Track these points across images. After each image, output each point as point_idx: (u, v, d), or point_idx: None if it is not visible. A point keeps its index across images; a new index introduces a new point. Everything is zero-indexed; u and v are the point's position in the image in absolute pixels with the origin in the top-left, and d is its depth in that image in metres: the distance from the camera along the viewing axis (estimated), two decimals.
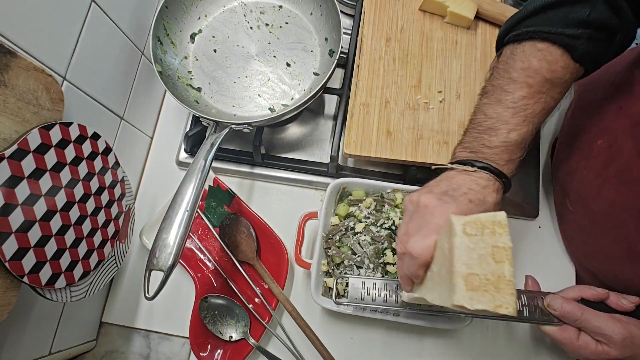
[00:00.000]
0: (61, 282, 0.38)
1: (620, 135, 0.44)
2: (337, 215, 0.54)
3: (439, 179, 0.40)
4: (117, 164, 0.46)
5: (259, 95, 0.58)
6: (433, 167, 0.44)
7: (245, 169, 0.60)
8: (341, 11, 0.55)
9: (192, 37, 0.61)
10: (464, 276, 0.29)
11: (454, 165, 0.40)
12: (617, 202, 0.44)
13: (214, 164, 0.60)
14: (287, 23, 0.61)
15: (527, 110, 0.39)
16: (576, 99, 0.59)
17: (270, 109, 0.57)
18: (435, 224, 0.35)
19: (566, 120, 0.60)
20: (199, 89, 0.58)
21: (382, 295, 0.46)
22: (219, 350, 0.52)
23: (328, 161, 0.58)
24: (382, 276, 0.51)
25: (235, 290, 0.54)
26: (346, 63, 0.61)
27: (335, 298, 0.48)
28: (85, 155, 0.41)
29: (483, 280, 0.29)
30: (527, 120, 0.39)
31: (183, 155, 0.61)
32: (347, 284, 0.52)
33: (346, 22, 0.65)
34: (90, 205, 0.42)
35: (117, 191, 0.46)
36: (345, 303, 0.46)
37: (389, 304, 0.45)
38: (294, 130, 0.63)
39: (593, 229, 0.49)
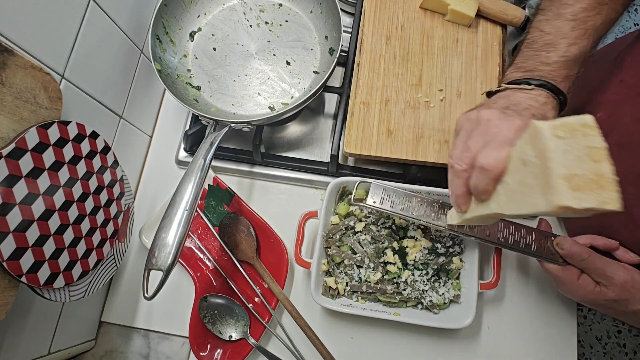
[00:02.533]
0: (60, 281, 0.38)
1: (621, 105, 0.45)
2: (337, 214, 0.54)
3: (494, 98, 0.39)
4: (116, 162, 0.46)
5: (258, 93, 0.58)
6: (482, 92, 0.43)
7: (245, 167, 0.60)
8: (341, 9, 0.55)
9: (192, 35, 0.60)
10: (565, 177, 0.29)
11: (508, 86, 0.39)
12: (617, 170, 0.45)
13: (214, 163, 0.60)
14: (287, 21, 0.61)
15: (588, 22, 0.38)
16: (579, 77, 0.60)
17: (270, 107, 0.57)
18: (504, 136, 0.34)
19: (570, 98, 0.61)
20: (198, 88, 0.58)
21: (404, 205, 0.46)
22: (218, 350, 0.52)
23: (328, 160, 0.58)
24: (381, 277, 0.51)
25: (235, 289, 0.54)
26: (346, 61, 0.60)
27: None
28: (84, 154, 0.41)
29: (585, 180, 0.29)
30: (587, 34, 0.38)
31: (182, 154, 0.61)
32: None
33: (346, 20, 0.65)
34: (89, 204, 0.41)
35: (116, 190, 0.46)
36: (364, 205, 0.45)
37: (406, 212, 0.45)
38: (294, 129, 0.63)
39: None
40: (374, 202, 0.46)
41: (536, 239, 0.45)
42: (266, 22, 0.61)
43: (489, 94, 0.41)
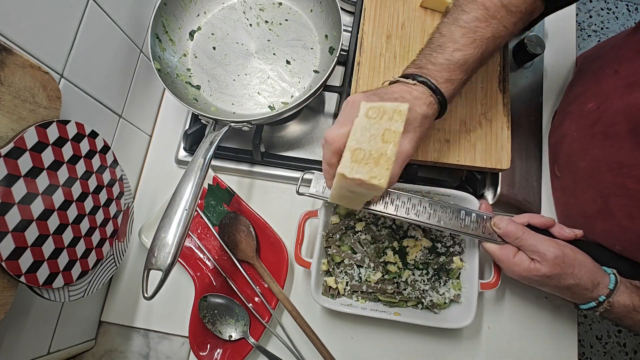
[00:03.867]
0: (59, 281, 0.37)
1: (610, 95, 0.47)
2: (337, 214, 0.54)
3: (379, 87, 0.42)
4: (115, 162, 0.46)
5: (258, 93, 0.58)
6: (383, 82, 0.46)
7: (244, 167, 0.60)
8: (341, 8, 0.54)
9: (191, 34, 0.60)
10: (352, 150, 0.33)
11: (399, 78, 0.42)
12: (600, 158, 0.47)
13: (214, 163, 0.60)
14: (286, 20, 0.61)
15: (477, 32, 0.40)
16: (577, 71, 0.60)
17: (269, 106, 0.57)
18: (353, 114, 0.37)
19: (566, 91, 0.63)
20: (198, 87, 0.58)
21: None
22: (218, 350, 0.52)
23: None
24: (382, 277, 0.51)
25: (235, 289, 0.54)
26: (346, 60, 0.60)
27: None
28: (83, 153, 0.41)
29: (367, 155, 0.33)
30: (475, 44, 0.40)
31: (182, 154, 0.61)
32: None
33: (346, 19, 0.65)
34: (89, 204, 0.41)
35: (116, 190, 0.46)
36: (307, 193, 0.47)
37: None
38: (294, 129, 0.62)
39: (575, 189, 0.52)
40: (316, 190, 0.48)
41: (475, 220, 0.46)
42: (266, 21, 0.61)
43: (390, 83, 0.44)
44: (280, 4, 0.62)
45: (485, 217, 0.47)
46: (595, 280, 0.42)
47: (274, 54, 0.59)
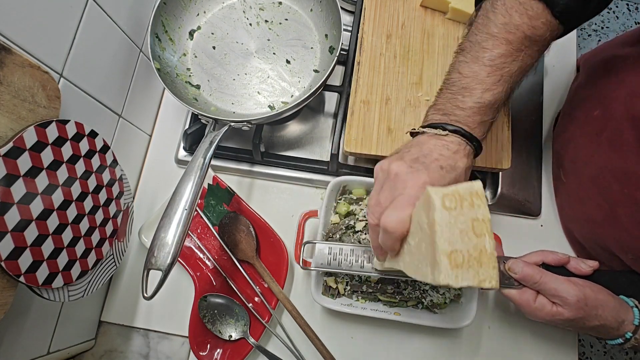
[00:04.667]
0: (58, 281, 0.37)
1: (615, 103, 0.45)
2: (337, 213, 0.54)
3: (410, 144, 0.40)
4: (115, 162, 0.46)
5: (258, 92, 0.58)
6: (406, 131, 0.43)
7: (244, 167, 0.60)
8: (341, 7, 0.54)
9: (191, 33, 0.60)
10: (447, 253, 0.29)
11: (425, 130, 0.39)
12: (605, 167, 0.45)
13: (214, 162, 0.60)
14: (286, 19, 0.61)
15: (504, 69, 0.38)
16: (581, 75, 0.60)
17: (269, 106, 0.57)
18: (408, 194, 0.34)
19: (569, 95, 0.62)
20: (197, 87, 0.58)
21: (349, 260, 0.46)
22: (218, 350, 0.52)
23: (328, 159, 0.58)
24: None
25: (235, 289, 0.54)
26: (346, 60, 0.60)
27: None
28: (83, 153, 0.41)
29: (466, 256, 0.29)
30: (502, 80, 0.38)
31: (182, 153, 0.61)
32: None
33: (346, 19, 0.65)
34: (88, 203, 0.41)
35: (115, 189, 0.46)
36: (312, 268, 0.46)
37: (355, 268, 0.46)
38: (293, 128, 0.62)
39: (581, 195, 0.51)
40: (321, 263, 0.46)
41: None
42: (266, 21, 0.61)
43: (413, 134, 0.41)
44: (280, 3, 0.61)
45: (498, 261, 0.44)
46: (620, 318, 0.41)
47: (274, 53, 0.59)
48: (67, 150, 0.38)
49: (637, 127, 0.41)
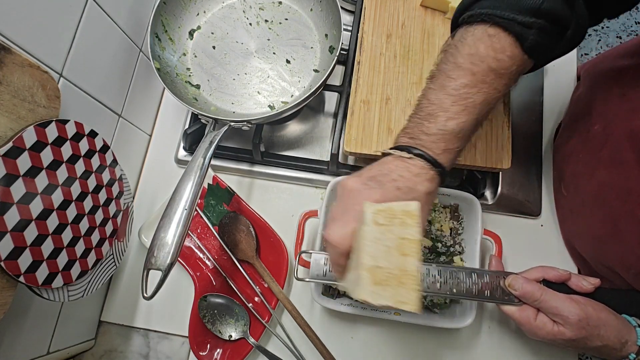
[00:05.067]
0: (58, 281, 0.37)
1: (615, 119, 0.45)
2: None
3: (374, 163, 0.39)
4: (115, 161, 0.46)
5: (258, 92, 0.58)
6: (378, 152, 0.43)
7: (244, 167, 0.60)
8: (341, 7, 0.54)
9: (191, 33, 0.60)
10: (369, 269, 0.28)
11: (392, 151, 0.39)
12: (607, 183, 0.45)
13: (213, 162, 0.60)
14: (286, 19, 0.61)
15: (468, 99, 0.37)
16: (582, 86, 0.59)
17: (269, 106, 0.57)
18: (355, 210, 0.34)
19: (570, 106, 0.61)
20: (197, 86, 0.58)
21: None
22: (218, 350, 0.52)
23: (328, 159, 0.58)
24: None
25: (235, 289, 0.54)
26: (346, 60, 0.60)
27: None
28: (82, 153, 0.41)
29: (387, 274, 0.28)
30: (467, 110, 0.37)
31: (182, 153, 0.61)
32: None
33: (346, 19, 0.65)
34: (88, 203, 0.41)
35: (115, 189, 0.46)
36: (307, 279, 0.45)
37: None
38: (293, 128, 0.62)
39: (583, 210, 0.50)
40: (317, 274, 0.45)
41: (489, 282, 0.43)
42: (266, 20, 0.61)
43: (383, 154, 0.41)
44: (280, 3, 0.61)
45: (498, 276, 0.44)
46: (623, 338, 0.40)
47: (274, 53, 0.59)
48: (66, 150, 0.38)
49: (636, 144, 0.41)
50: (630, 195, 0.42)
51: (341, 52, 0.56)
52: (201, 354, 0.51)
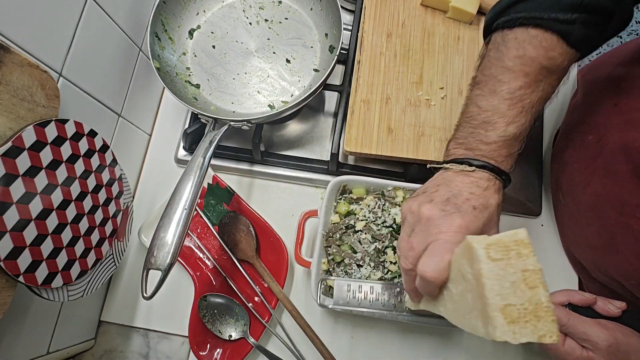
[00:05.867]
0: (58, 281, 0.37)
1: (609, 130, 0.44)
2: (337, 213, 0.54)
3: (436, 182, 0.38)
4: (114, 161, 0.46)
5: (258, 92, 0.58)
6: (428, 166, 0.42)
7: (244, 166, 0.60)
8: (341, 6, 0.54)
9: (191, 33, 0.60)
10: (500, 308, 0.28)
11: (449, 166, 0.38)
12: (601, 195, 0.44)
13: (213, 162, 0.59)
14: (286, 19, 0.61)
15: (525, 100, 0.37)
16: (579, 94, 0.59)
17: (269, 105, 0.57)
18: (444, 240, 0.33)
19: (567, 114, 0.61)
20: (197, 86, 0.58)
21: (368, 298, 0.45)
22: (218, 350, 0.52)
23: (328, 159, 0.58)
24: (381, 277, 0.51)
25: (235, 289, 0.54)
26: (347, 59, 0.60)
27: (320, 300, 0.47)
28: (82, 152, 0.41)
29: (521, 310, 0.28)
30: (525, 111, 0.37)
31: (182, 153, 0.61)
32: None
33: (346, 18, 0.64)
34: (87, 203, 0.41)
35: (115, 189, 0.46)
36: (330, 306, 0.45)
37: (376, 307, 0.44)
38: (293, 128, 0.62)
39: (580, 220, 0.50)
40: (342, 302, 0.44)
41: None
42: (266, 20, 0.61)
43: (434, 169, 0.40)
44: (280, 2, 0.61)
45: None
46: None
47: (274, 52, 0.59)
48: (66, 150, 0.38)
49: (630, 156, 0.40)
50: (625, 207, 0.41)
51: (341, 51, 0.56)
52: (201, 353, 0.51)
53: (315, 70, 0.58)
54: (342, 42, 0.53)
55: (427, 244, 0.34)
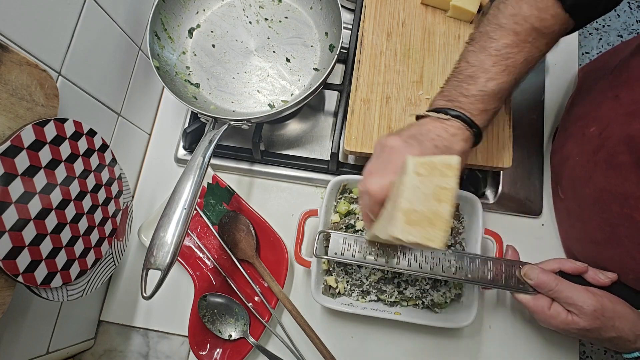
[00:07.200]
0: (57, 281, 0.37)
1: (612, 122, 0.45)
2: (337, 212, 0.53)
3: (411, 124, 0.41)
4: (114, 161, 0.46)
5: (258, 91, 0.57)
6: (411, 114, 0.44)
7: (244, 166, 0.60)
8: (342, 5, 0.54)
9: (190, 31, 0.60)
10: (404, 211, 0.31)
11: (429, 113, 0.40)
12: (604, 188, 0.45)
13: (213, 161, 0.59)
14: (286, 17, 0.60)
15: (509, 59, 0.38)
16: (578, 89, 0.59)
17: (269, 105, 0.57)
18: (395, 164, 0.36)
19: (566, 110, 0.61)
20: (197, 85, 0.57)
21: (363, 252, 0.46)
22: (218, 349, 0.52)
23: (328, 158, 0.58)
24: (382, 276, 0.51)
25: (235, 288, 0.54)
26: (347, 58, 0.60)
27: (316, 252, 0.48)
28: (81, 152, 0.40)
29: (421, 216, 0.31)
30: (507, 70, 0.38)
31: (181, 152, 0.61)
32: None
33: (346, 17, 0.64)
34: (87, 203, 0.41)
35: (114, 189, 0.46)
36: (326, 257, 0.46)
37: (368, 261, 0.46)
38: (293, 127, 0.62)
39: (581, 214, 0.50)
40: (335, 253, 0.46)
41: (505, 270, 0.45)
42: (266, 19, 0.60)
43: (417, 117, 0.42)
44: (280, 1, 0.61)
45: (514, 265, 0.45)
46: (638, 331, 0.40)
47: (274, 51, 0.59)
48: (65, 149, 0.38)
49: (633, 148, 0.40)
50: (627, 199, 0.42)
51: (341, 50, 0.56)
52: (201, 353, 0.51)
53: (315, 69, 0.58)
54: (342, 41, 0.53)
55: (381, 168, 0.37)
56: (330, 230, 0.47)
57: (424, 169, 0.32)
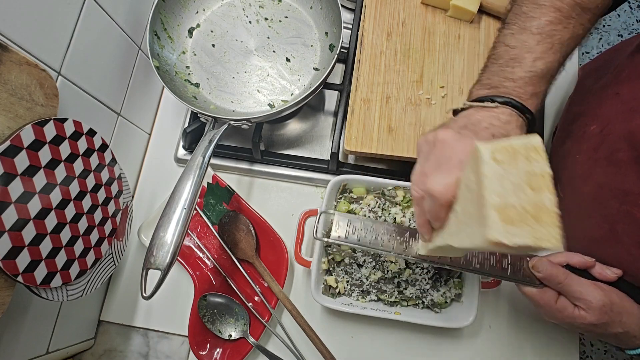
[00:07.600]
0: (57, 281, 0.37)
1: (613, 119, 0.44)
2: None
3: (455, 117, 0.37)
4: (113, 160, 0.46)
5: (258, 90, 0.57)
6: (449, 109, 0.40)
7: (244, 165, 0.60)
8: (342, 5, 0.54)
9: (190, 31, 0.60)
10: (497, 208, 0.25)
11: (472, 103, 0.36)
12: (604, 185, 0.44)
13: (213, 161, 0.59)
14: (286, 17, 0.60)
15: (555, 36, 0.36)
16: (577, 88, 0.59)
17: (269, 104, 0.57)
18: (456, 159, 0.32)
19: (566, 108, 0.61)
20: (197, 85, 0.57)
21: (368, 237, 0.43)
22: (218, 349, 0.52)
23: (328, 158, 0.58)
24: (382, 276, 0.51)
25: (235, 288, 0.54)
26: (347, 58, 0.60)
27: (316, 234, 0.46)
28: (81, 152, 0.40)
29: (521, 212, 0.25)
30: (554, 49, 0.36)
31: (181, 152, 0.61)
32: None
33: (347, 16, 0.64)
34: (87, 202, 0.41)
35: (114, 188, 0.46)
36: (329, 240, 0.44)
37: (375, 246, 0.43)
38: (293, 127, 0.62)
39: (580, 212, 0.50)
40: (339, 236, 0.43)
41: (512, 262, 0.43)
42: (265, 18, 0.60)
43: (455, 112, 0.40)
44: (280, 0, 0.61)
45: (522, 257, 0.43)
46: None
47: (274, 51, 0.59)
48: (65, 149, 0.38)
49: (633, 145, 0.40)
50: (627, 196, 0.41)
51: (341, 50, 0.56)
52: (201, 353, 0.51)
53: (315, 69, 0.58)
54: (342, 41, 0.52)
55: (439, 166, 0.33)
56: (333, 211, 0.44)
57: (502, 155, 0.26)
